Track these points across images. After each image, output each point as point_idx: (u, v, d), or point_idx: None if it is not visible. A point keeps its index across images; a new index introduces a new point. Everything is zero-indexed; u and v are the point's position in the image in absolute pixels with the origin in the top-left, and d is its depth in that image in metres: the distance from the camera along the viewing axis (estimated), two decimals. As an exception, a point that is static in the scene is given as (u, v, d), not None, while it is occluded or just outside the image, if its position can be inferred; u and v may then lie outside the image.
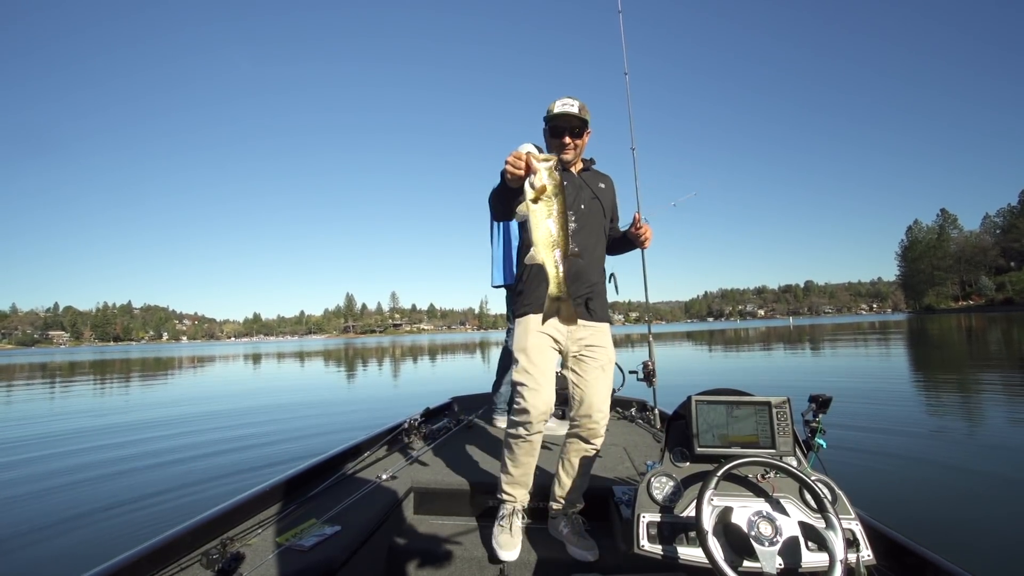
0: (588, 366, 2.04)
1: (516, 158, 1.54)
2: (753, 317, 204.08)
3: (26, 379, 19.00)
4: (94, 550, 3.13)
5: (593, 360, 2.04)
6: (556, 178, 1.46)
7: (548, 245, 1.45)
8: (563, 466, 2.08)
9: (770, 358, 15.37)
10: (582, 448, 2.04)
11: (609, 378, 2.09)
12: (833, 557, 1.24)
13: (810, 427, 1.67)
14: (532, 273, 2.09)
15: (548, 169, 1.46)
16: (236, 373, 19.32)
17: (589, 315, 2.08)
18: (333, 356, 29.96)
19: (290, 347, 62.53)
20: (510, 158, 1.56)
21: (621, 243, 2.34)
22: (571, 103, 2.05)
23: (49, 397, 12.55)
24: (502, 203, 1.86)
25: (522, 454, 2.00)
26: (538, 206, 1.45)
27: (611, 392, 2.14)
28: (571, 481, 2.06)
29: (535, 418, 1.92)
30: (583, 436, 2.02)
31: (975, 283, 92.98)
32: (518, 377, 1.96)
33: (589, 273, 2.10)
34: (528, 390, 1.93)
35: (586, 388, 2.02)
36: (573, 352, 2.06)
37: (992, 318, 44.90)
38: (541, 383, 1.93)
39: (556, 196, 1.45)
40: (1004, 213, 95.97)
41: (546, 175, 1.45)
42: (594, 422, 2.01)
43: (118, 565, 1.42)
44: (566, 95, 2.09)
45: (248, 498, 1.97)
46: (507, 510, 2.04)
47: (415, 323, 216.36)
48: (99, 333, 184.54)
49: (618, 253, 2.42)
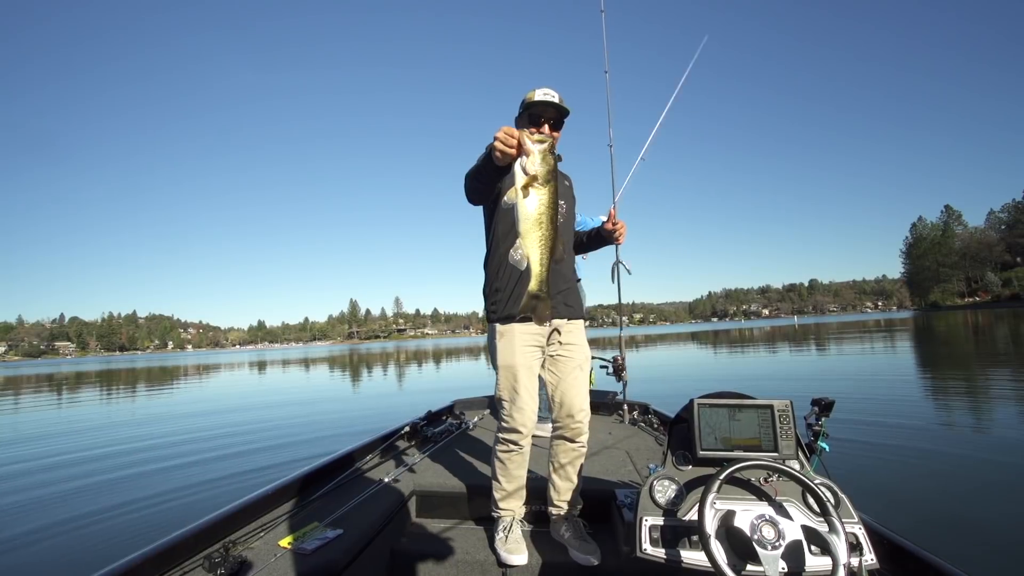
0: (565, 366, 2.02)
1: (508, 135, 1.39)
2: (757, 317, 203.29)
3: (33, 390, 19.11)
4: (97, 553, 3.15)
5: (570, 359, 2.03)
6: (550, 163, 1.30)
7: (536, 239, 1.31)
8: (555, 470, 2.07)
9: (774, 359, 15.30)
10: (570, 448, 2.03)
11: (586, 376, 2.09)
12: (836, 561, 1.24)
13: (813, 430, 1.67)
14: (509, 270, 1.96)
15: (543, 152, 1.29)
16: (241, 381, 19.39)
17: (568, 311, 2.07)
18: (338, 362, 30.03)
19: (295, 354, 62.67)
20: (500, 133, 1.41)
21: (594, 240, 2.33)
22: (552, 93, 1.94)
23: (56, 406, 12.63)
24: (481, 182, 1.71)
25: (514, 467, 2.00)
26: (528, 194, 1.30)
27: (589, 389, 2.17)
28: (565, 483, 2.05)
29: (526, 433, 1.94)
30: (568, 436, 2.02)
31: (981, 279, 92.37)
32: (506, 395, 1.94)
33: (566, 271, 2.07)
34: (517, 409, 1.92)
35: (566, 389, 2.01)
36: (550, 352, 2.04)
37: (998, 314, 44.58)
38: (528, 401, 1.93)
39: (548, 184, 1.30)
40: (1009, 208, 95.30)
41: (539, 159, 1.29)
42: (577, 422, 2.00)
43: (121, 568, 1.43)
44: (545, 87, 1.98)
45: (251, 501, 1.98)
46: (506, 522, 2.03)
47: (419, 328, 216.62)
48: (105, 343, 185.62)
49: (587, 251, 2.42)
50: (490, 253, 2.09)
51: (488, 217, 2.10)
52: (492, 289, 2.05)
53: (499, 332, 1.99)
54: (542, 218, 1.30)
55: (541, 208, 1.30)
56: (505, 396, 1.94)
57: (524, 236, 1.32)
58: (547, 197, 1.30)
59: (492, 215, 2.06)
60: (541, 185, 1.29)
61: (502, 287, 2.01)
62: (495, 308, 2.02)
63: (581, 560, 1.93)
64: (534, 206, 1.30)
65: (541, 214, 1.30)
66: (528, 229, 1.31)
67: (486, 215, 2.11)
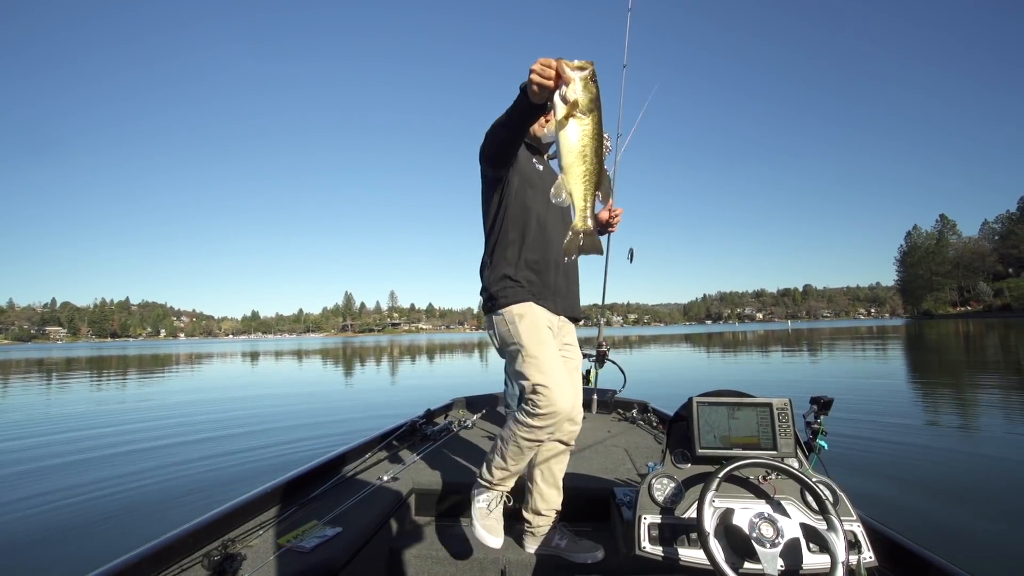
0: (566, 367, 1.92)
1: (544, 65, 1.29)
2: (751, 320, 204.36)
3: (23, 375, 18.95)
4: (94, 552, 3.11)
5: (570, 360, 1.98)
6: (593, 91, 1.20)
7: (580, 173, 1.20)
8: (542, 476, 1.96)
9: (769, 361, 15.39)
10: (560, 450, 1.96)
11: (580, 377, 2.06)
12: (835, 558, 1.24)
13: (812, 429, 1.67)
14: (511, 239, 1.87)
15: (584, 79, 1.19)
16: (235, 371, 19.28)
17: (575, 310, 2.03)
18: (331, 355, 29.92)
19: (288, 345, 62.45)
20: (537, 65, 1.30)
21: None
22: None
23: (46, 395, 12.52)
24: (512, 128, 1.56)
25: (530, 455, 1.85)
26: (570, 124, 1.19)
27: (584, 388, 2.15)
28: (551, 490, 1.98)
29: (561, 419, 1.74)
30: (564, 440, 1.95)
31: (973, 289, 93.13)
32: (539, 377, 1.70)
33: (571, 271, 2.02)
34: (551, 391, 1.69)
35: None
36: None
37: (990, 324, 45.00)
38: (563, 381, 1.74)
39: (592, 113, 1.19)
40: (1003, 219, 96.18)
41: (581, 86, 1.18)
42: (575, 424, 1.93)
43: (119, 567, 1.41)
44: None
45: (249, 499, 1.96)
46: (493, 495, 1.87)
47: (413, 322, 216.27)
48: (96, 329, 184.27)
49: None
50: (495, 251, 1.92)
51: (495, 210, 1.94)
52: (499, 276, 1.88)
53: (516, 314, 1.82)
54: (585, 151, 1.20)
55: (584, 140, 1.19)
56: (538, 378, 1.70)
57: (567, 171, 1.21)
58: (591, 127, 1.20)
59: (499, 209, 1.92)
60: (583, 114, 1.19)
61: (507, 260, 1.88)
62: (503, 291, 1.86)
63: (588, 559, 1.91)
64: (576, 137, 1.19)
65: (584, 146, 1.19)
66: (571, 163, 1.20)
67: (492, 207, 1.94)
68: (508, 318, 1.83)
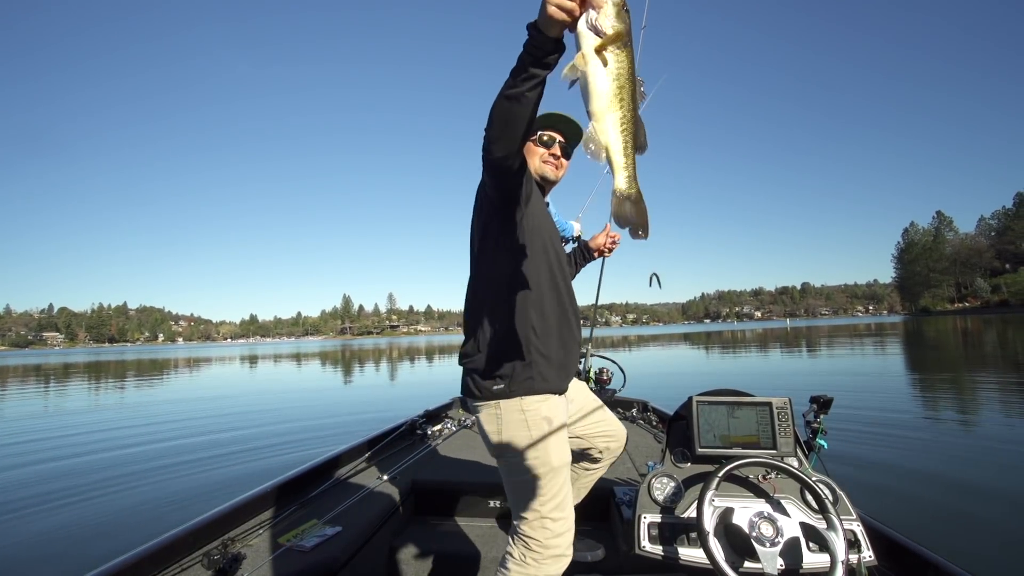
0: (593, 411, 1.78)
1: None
2: (750, 319, 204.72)
3: (20, 381, 18.88)
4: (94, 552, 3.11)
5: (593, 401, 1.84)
6: (626, 20, 0.94)
7: (616, 120, 0.95)
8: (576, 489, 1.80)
9: (768, 360, 15.41)
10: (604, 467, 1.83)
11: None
12: (834, 558, 1.24)
13: (811, 428, 1.67)
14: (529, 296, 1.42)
15: (617, 5, 0.93)
16: (233, 375, 19.25)
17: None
18: (330, 358, 29.89)
19: (287, 348, 62.36)
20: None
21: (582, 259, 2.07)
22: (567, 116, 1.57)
23: (44, 399, 12.48)
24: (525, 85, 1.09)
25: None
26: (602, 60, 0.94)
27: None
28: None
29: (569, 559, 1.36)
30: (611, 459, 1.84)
31: (971, 285, 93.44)
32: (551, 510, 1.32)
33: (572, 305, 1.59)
34: (565, 527, 1.34)
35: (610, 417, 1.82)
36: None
37: (987, 320, 45.12)
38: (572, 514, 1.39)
39: (626, 48, 0.94)
40: (999, 215, 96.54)
41: (614, 12, 0.92)
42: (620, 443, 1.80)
43: (119, 566, 1.41)
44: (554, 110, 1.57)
45: (249, 499, 1.97)
46: None
47: (412, 324, 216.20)
48: (94, 334, 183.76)
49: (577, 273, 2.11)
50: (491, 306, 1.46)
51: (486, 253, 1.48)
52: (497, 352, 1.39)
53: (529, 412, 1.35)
54: (623, 92, 0.94)
55: (620, 80, 0.94)
56: (548, 511, 1.32)
57: (598, 119, 0.95)
58: (626, 64, 0.94)
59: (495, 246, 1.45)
60: (619, 48, 0.93)
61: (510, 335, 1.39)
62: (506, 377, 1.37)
63: (588, 557, 1.91)
64: (612, 75, 0.94)
65: (621, 87, 0.94)
66: (603, 109, 0.95)
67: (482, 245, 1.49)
68: (532, 418, 1.35)
